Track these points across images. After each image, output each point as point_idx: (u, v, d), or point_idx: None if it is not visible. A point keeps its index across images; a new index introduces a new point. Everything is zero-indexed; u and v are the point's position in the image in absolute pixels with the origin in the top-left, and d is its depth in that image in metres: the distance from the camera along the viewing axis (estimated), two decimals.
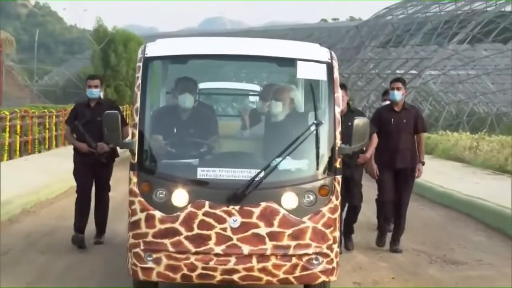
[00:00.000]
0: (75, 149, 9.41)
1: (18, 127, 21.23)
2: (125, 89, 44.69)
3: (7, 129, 20.13)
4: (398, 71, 47.86)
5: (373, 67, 50.96)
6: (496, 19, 49.62)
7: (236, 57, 7.11)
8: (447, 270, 8.99)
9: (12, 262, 8.61)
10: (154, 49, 6.85)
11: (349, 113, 8.59)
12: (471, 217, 13.16)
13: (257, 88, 14.17)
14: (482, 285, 8.36)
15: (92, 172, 9.35)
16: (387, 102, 10.45)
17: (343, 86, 8.34)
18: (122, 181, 8.94)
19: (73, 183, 10.06)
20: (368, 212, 11.32)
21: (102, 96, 9.52)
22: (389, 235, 10.12)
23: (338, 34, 60.15)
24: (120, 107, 41.28)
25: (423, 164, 9.79)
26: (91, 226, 9.70)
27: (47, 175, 15.83)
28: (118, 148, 8.75)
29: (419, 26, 51.69)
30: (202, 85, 8.30)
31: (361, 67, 51.00)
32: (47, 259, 8.84)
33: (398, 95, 9.69)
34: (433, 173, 16.21)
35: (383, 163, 9.67)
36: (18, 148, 21.01)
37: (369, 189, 10.59)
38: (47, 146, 24.13)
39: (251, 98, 14.60)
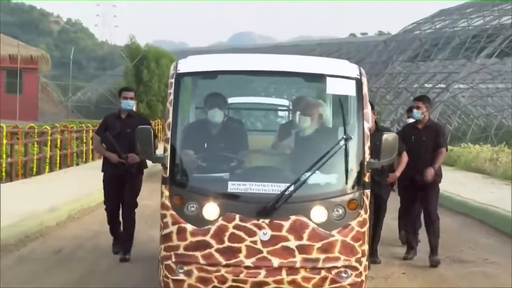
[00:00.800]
0: (104, 160, 9.46)
1: (59, 141, 22.33)
2: (157, 104, 45.62)
3: (49, 143, 21.13)
4: (426, 85, 47.69)
5: (401, 81, 50.80)
6: None
7: (267, 73, 7.15)
8: (453, 268, 9.61)
9: (64, 260, 9.71)
10: (185, 66, 6.94)
11: (377, 132, 8.57)
12: (484, 223, 13.84)
13: (286, 102, 14.18)
14: (484, 280, 9.07)
15: (120, 185, 9.36)
16: (411, 120, 10.47)
17: (370, 105, 8.39)
18: (156, 191, 9.03)
19: None
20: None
21: (134, 109, 9.59)
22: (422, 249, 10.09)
23: (367, 49, 60.00)
24: (152, 122, 41.84)
25: (435, 170, 9.68)
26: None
27: (87, 185, 16.30)
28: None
29: (447, 41, 51.41)
30: (231, 100, 8.35)
31: (389, 81, 50.86)
32: (94, 258, 9.75)
33: (417, 113, 9.81)
34: (454, 183, 16.99)
35: (403, 179, 9.71)
36: (58, 161, 22.01)
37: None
38: (84, 159, 24.83)
39: (280, 113, 14.63)
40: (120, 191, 9.40)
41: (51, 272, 9.01)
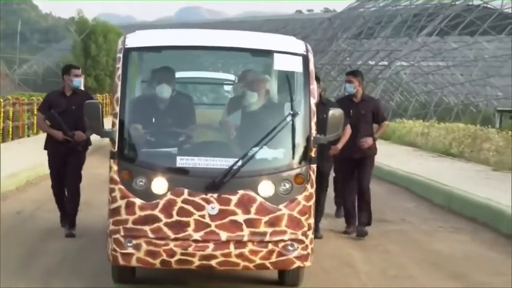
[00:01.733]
0: (48, 137, 9.19)
1: (11, 113, 22.62)
2: (105, 78, 45.72)
3: (1, 115, 21.43)
4: (369, 62, 48.10)
5: (346, 58, 51.14)
6: (463, 12, 49.89)
7: (215, 49, 7.07)
8: (374, 226, 10.17)
9: (25, 219, 10.27)
10: (133, 40, 6.82)
11: (321, 105, 8.51)
12: (409, 190, 15.00)
13: (232, 77, 14.10)
14: (399, 235, 10.16)
15: (65, 161, 9.14)
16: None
17: (317, 78, 8.34)
18: (105, 162, 8.95)
19: None
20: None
21: (81, 85, 9.39)
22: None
23: (312, 26, 60.20)
24: (100, 96, 41.41)
25: (374, 139, 9.78)
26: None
27: (41, 155, 15.96)
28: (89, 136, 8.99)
29: (390, 19, 51.91)
30: (178, 74, 8.24)
31: (334, 58, 51.18)
32: (54, 217, 9.82)
33: (350, 87, 9.75)
34: (386, 155, 17.56)
35: (343, 153, 9.60)
36: (10, 132, 22.38)
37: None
38: (34, 131, 24.79)
39: (226, 88, 14.52)
40: (65, 167, 9.19)
41: (15, 229, 9.48)
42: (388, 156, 18.46)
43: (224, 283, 7.08)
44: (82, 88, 9.68)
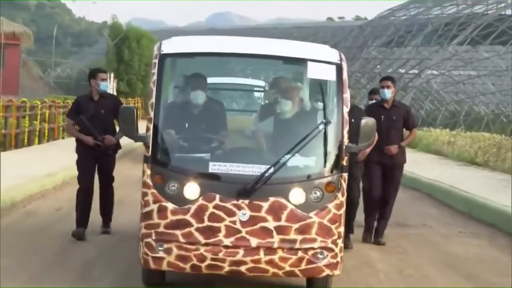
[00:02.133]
0: (78, 141, 9.19)
1: (47, 115, 23.27)
2: (137, 82, 46.16)
3: (38, 117, 22.17)
4: (400, 70, 47.84)
5: (376, 66, 50.93)
6: (495, 22, 49.48)
7: (249, 56, 7.10)
8: (396, 229, 10.66)
9: (63, 216, 10.63)
10: (169, 46, 6.87)
11: (351, 111, 8.45)
12: (431, 196, 15.42)
13: (261, 83, 14.08)
14: (418, 238, 10.41)
15: (95, 165, 9.19)
16: (373, 101, 10.41)
17: None
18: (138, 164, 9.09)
19: None
20: None
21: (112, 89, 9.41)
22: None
23: (343, 33, 60.00)
24: (132, 100, 41.71)
25: (400, 147, 9.73)
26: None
27: (75, 157, 16.30)
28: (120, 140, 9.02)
29: (421, 28, 51.59)
30: (209, 80, 8.21)
31: (364, 66, 50.95)
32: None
33: (388, 93, 9.68)
34: (411, 163, 18.05)
35: (372, 159, 9.55)
36: (46, 134, 23.02)
37: None
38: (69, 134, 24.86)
39: (256, 94, 14.51)
40: (94, 171, 9.24)
41: (54, 225, 10.04)
42: (414, 163, 18.44)
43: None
44: (113, 92, 9.71)
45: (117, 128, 8.97)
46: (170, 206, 6.39)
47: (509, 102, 45.98)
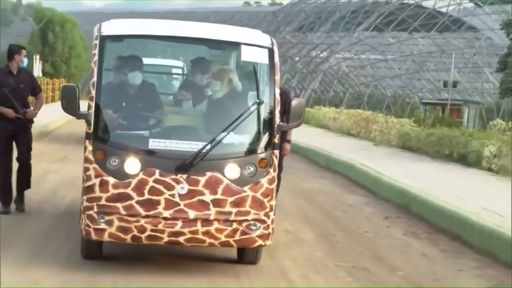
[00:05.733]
0: None
1: None
2: (61, 64, 46.89)
3: None
4: (313, 53, 48.38)
5: (288, 50, 51.33)
6: (397, 11, 50.57)
7: (187, 39, 7.04)
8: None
9: None
10: (109, 28, 6.76)
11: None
12: (305, 157, 18.62)
13: (180, 64, 13.92)
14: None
15: (12, 139, 8.84)
16: None
17: None
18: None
19: None
20: None
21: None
22: None
23: (257, 18, 60.14)
24: (56, 80, 41.19)
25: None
26: None
27: None
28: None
29: (329, 15, 52.29)
30: None
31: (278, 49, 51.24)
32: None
33: None
34: (301, 135, 19.84)
35: None
36: None
37: None
38: None
39: (175, 76, 14.23)
40: (12, 149, 8.89)
41: None
42: (304, 134, 20.88)
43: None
44: (39, 73, 9.48)
45: (31, 104, 8.90)
46: (111, 180, 6.31)
47: (414, 85, 47.18)
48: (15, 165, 8.98)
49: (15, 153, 8.98)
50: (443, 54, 46.95)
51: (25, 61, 8.91)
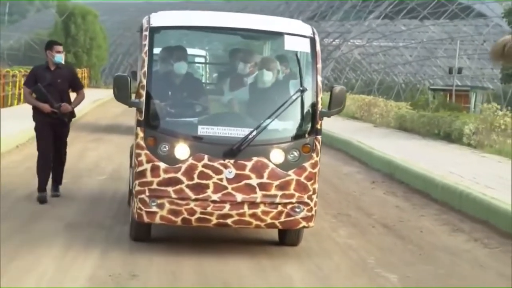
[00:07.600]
0: (35, 109, 8.88)
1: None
2: (83, 55, 47.76)
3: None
4: (325, 40, 48.23)
5: None
6: None
7: (232, 29, 7.13)
8: None
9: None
10: (158, 20, 6.84)
11: None
12: None
13: (203, 52, 14.07)
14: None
15: (52, 131, 8.91)
16: None
17: None
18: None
19: None
20: None
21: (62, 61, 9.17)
22: None
23: (270, 8, 59.97)
24: (79, 70, 41.92)
25: None
26: None
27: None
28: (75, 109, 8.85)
29: (341, 4, 52.12)
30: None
31: None
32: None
33: None
34: None
35: None
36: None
37: None
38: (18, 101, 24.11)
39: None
40: (52, 138, 8.95)
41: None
42: None
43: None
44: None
45: (72, 98, 8.91)
46: (162, 165, 6.41)
47: (425, 72, 47.04)
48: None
49: None
50: (453, 41, 46.78)
51: (58, 57, 8.81)
